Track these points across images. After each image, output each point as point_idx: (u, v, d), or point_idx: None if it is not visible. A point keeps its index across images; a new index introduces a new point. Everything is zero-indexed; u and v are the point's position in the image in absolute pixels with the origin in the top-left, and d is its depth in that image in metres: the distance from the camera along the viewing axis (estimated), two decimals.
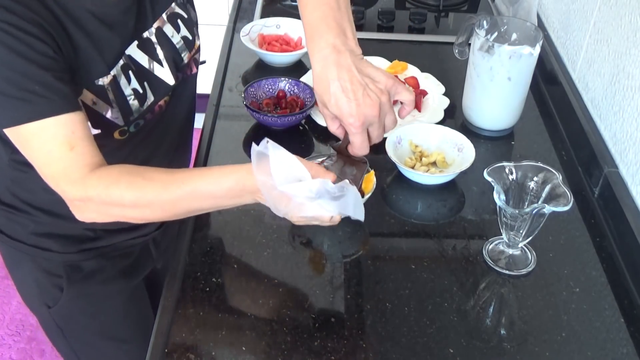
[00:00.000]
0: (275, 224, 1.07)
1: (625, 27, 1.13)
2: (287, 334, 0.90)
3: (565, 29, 1.44)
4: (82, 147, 0.85)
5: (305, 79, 1.32)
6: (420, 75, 1.41)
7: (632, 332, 0.92)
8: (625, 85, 1.13)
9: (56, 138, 0.84)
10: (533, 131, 1.32)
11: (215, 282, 0.97)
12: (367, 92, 0.89)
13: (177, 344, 0.89)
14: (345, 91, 0.88)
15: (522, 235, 0.97)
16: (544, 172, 0.96)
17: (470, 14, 1.76)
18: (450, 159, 1.18)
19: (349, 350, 0.88)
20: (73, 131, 0.85)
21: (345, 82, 0.88)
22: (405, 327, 0.91)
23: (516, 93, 1.24)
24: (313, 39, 0.92)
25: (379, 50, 1.51)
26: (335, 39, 0.90)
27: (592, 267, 1.02)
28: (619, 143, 1.15)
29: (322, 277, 0.99)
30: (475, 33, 1.22)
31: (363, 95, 0.88)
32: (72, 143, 0.84)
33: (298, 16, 1.55)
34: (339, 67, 0.88)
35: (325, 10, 0.91)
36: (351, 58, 0.90)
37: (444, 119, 1.29)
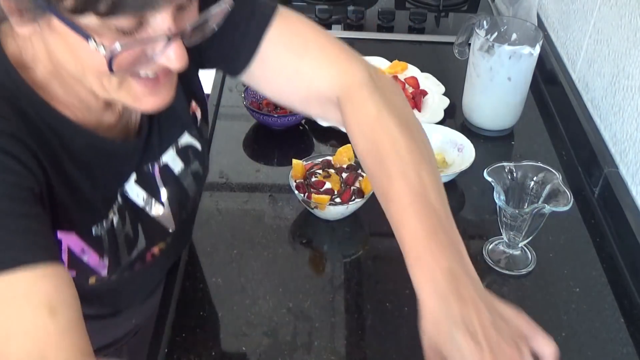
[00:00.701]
0: (275, 224, 1.07)
1: (625, 27, 1.13)
2: (287, 334, 0.90)
3: (565, 29, 1.44)
4: (66, 317, 0.59)
5: None
6: (420, 75, 1.41)
7: (632, 332, 0.92)
8: (625, 85, 1.13)
9: (30, 298, 0.58)
10: (533, 131, 1.32)
11: (215, 282, 0.97)
12: (501, 338, 0.63)
13: (177, 344, 0.89)
14: (474, 338, 0.62)
15: (522, 235, 0.97)
16: (544, 172, 0.96)
17: (470, 14, 1.76)
18: (450, 159, 1.18)
19: (349, 350, 0.88)
20: (55, 290, 0.60)
21: (473, 325, 0.62)
22: (405, 327, 0.91)
23: (516, 93, 1.24)
24: (416, 256, 0.67)
25: (379, 50, 1.51)
26: (450, 260, 0.65)
27: (592, 267, 1.02)
28: (619, 143, 1.15)
29: (322, 277, 0.99)
30: (475, 33, 1.22)
31: (498, 343, 0.62)
32: (53, 307, 0.59)
33: None
34: (461, 303, 0.63)
35: (427, 214, 0.68)
36: (473, 288, 0.65)
37: (444, 119, 1.29)
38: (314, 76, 0.82)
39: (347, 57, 0.83)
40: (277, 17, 0.81)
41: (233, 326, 0.92)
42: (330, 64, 0.82)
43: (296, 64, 0.82)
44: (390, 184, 0.71)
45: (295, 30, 0.83)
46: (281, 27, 0.81)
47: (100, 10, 0.55)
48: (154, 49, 0.61)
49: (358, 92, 0.79)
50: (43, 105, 0.67)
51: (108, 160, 0.75)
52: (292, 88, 0.84)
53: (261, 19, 0.81)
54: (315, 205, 1.04)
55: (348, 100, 0.80)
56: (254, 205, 1.11)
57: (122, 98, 0.67)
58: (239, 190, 1.15)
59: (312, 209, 1.06)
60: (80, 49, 0.60)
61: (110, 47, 0.58)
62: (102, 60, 0.59)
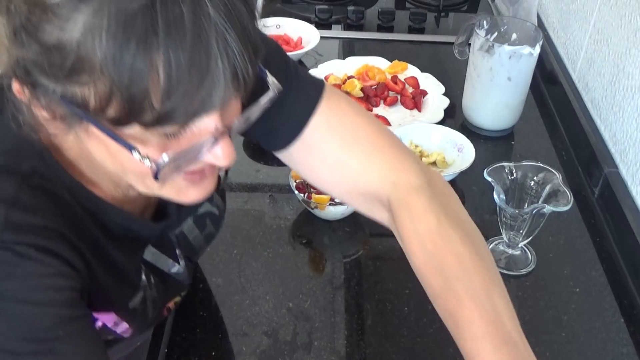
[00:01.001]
0: (275, 224, 1.07)
1: (625, 27, 1.13)
2: (287, 334, 0.90)
3: (565, 29, 1.44)
4: None
5: None
6: (420, 75, 1.41)
7: (632, 332, 0.92)
8: (625, 85, 1.13)
9: None
10: (533, 131, 1.32)
11: (215, 282, 0.97)
12: None
13: (177, 344, 0.89)
14: None
15: (522, 235, 0.97)
16: (544, 172, 0.96)
17: (470, 14, 1.76)
18: (450, 159, 1.18)
19: (349, 350, 0.88)
20: None
21: None
22: (405, 327, 0.91)
23: (516, 93, 1.24)
24: None
25: (379, 50, 1.51)
26: None
27: (592, 267, 1.02)
28: (619, 143, 1.15)
29: (322, 277, 0.99)
30: (475, 33, 1.22)
31: None
32: None
33: (298, 16, 1.57)
34: None
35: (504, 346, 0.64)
36: None
37: (444, 119, 1.29)
38: (363, 171, 0.75)
39: (400, 153, 0.76)
40: (324, 101, 0.74)
41: (233, 326, 0.92)
42: (382, 160, 0.75)
43: (344, 156, 0.75)
44: (460, 308, 0.66)
45: (343, 117, 0.75)
46: (328, 113, 0.74)
47: (146, 121, 0.52)
48: (201, 150, 0.58)
49: (415, 198, 0.72)
50: (76, 186, 0.65)
51: (134, 233, 0.73)
52: (336, 179, 0.77)
53: (307, 102, 0.74)
54: (315, 205, 1.04)
55: (404, 206, 0.72)
56: (254, 205, 1.11)
57: (165, 193, 0.63)
58: (239, 190, 1.15)
59: (312, 209, 1.06)
60: (122, 155, 0.56)
61: (156, 159, 0.55)
62: (147, 168, 0.56)
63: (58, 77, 0.52)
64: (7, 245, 0.57)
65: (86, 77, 0.51)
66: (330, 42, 1.59)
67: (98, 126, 0.54)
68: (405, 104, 1.34)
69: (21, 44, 0.52)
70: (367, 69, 1.40)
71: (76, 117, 0.54)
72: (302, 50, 1.45)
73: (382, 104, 1.35)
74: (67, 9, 0.49)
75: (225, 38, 0.52)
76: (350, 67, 1.43)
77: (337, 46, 1.59)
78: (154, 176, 0.56)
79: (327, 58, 1.47)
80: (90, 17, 0.49)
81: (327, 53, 1.51)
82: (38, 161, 0.62)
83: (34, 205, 0.60)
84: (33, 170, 0.62)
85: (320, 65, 1.43)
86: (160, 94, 0.50)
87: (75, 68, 0.50)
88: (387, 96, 1.35)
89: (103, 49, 0.49)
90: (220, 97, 0.53)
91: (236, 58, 0.52)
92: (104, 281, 0.67)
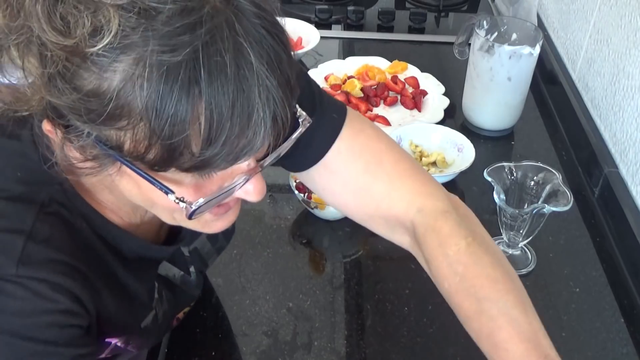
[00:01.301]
0: (275, 224, 1.07)
1: (625, 27, 1.13)
2: (287, 334, 0.90)
3: (565, 29, 1.44)
4: None
5: None
6: (420, 75, 1.41)
7: (632, 332, 0.92)
8: (625, 85, 1.13)
9: None
10: (533, 131, 1.32)
11: (215, 282, 0.97)
12: None
13: (177, 344, 0.89)
14: None
15: (522, 235, 0.97)
16: (544, 172, 0.96)
17: (470, 14, 1.76)
18: (450, 159, 1.18)
19: (349, 350, 0.88)
20: None
21: None
22: (405, 327, 0.91)
23: (516, 93, 1.24)
24: None
25: (379, 50, 1.51)
26: None
27: (592, 267, 1.02)
28: (619, 143, 1.15)
29: (322, 277, 0.99)
30: (475, 33, 1.22)
31: None
32: None
33: (298, 16, 1.57)
34: None
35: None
36: None
37: (444, 119, 1.29)
38: (387, 195, 0.75)
39: (423, 178, 0.76)
40: (347, 125, 0.74)
41: (233, 326, 0.92)
42: (406, 185, 0.75)
43: (367, 180, 0.75)
44: (498, 330, 0.67)
45: (366, 141, 0.75)
46: (352, 137, 0.74)
47: (184, 167, 0.51)
48: (234, 189, 0.58)
49: (443, 222, 0.72)
50: (92, 214, 0.64)
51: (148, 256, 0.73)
52: (358, 203, 0.77)
53: (331, 126, 0.74)
54: (315, 205, 1.04)
55: (431, 231, 0.72)
56: (254, 205, 1.11)
57: (191, 225, 0.63)
58: None
59: (312, 209, 1.06)
60: (154, 193, 0.56)
61: (191, 201, 0.55)
62: (180, 208, 0.56)
63: (94, 122, 0.50)
64: (21, 281, 0.56)
65: (124, 123, 0.50)
66: (330, 42, 1.59)
67: (133, 168, 0.53)
68: (405, 104, 1.34)
69: (56, 89, 0.50)
70: (367, 69, 1.40)
71: (110, 158, 0.53)
72: (302, 50, 1.45)
73: (382, 104, 1.35)
74: (108, 58, 0.48)
75: (267, 86, 0.51)
76: (350, 67, 1.43)
77: (337, 46, 1.59)
78: (188, 217, 0.56)
79: (327, 58, 1.47)
80: (131, 66, 0.48)
81: (327, 53, 1.51)
82: (57, 189, 0.62)
83: (51, 237, 0.60)
84: (51, 198, 0.61)
85: (320, 65, 1.43)
86: (201, 142, 0.50)
87: (114, 114, 0.49)
88: (387, 96, 1.35)
89: (144, 98, 0.48)
90: (260, 144, 0.53)
91: (277, 105, 0.52)
92: (115, 310, 0.67)
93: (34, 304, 0.57)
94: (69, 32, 0.48)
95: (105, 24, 0.47)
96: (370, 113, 1.31)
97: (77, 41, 0.47)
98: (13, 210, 0.59)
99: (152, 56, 0.47)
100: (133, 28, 0.47)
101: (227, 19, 0.49)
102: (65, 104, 0.50)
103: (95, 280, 0.63)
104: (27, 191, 0.61)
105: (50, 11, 0.48)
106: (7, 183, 0.61)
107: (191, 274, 0.82)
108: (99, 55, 0.48)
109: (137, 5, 0.47)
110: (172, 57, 0.47)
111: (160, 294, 0.77)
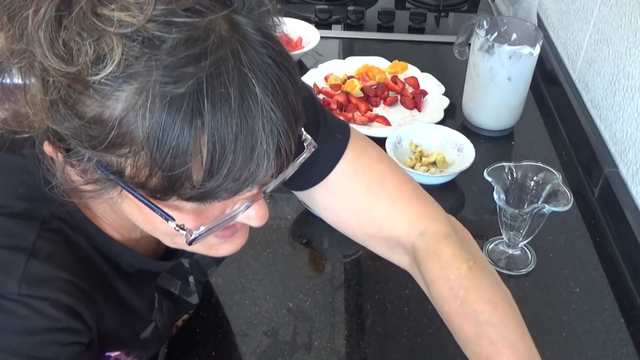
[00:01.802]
0: (275, 224, 1.07)
1: (625, 27, 1.13)
2: (287, 334, 0.90)
3: (565, 29, 1.44)
4: None
5: (305, 79, 1.32)
6: (420, 75, 1.41)
7: (632, 332, 0.92)
8: (625, 85, 1.13)
9: None
10: (533, 131, 1.32)
11: (215, 282, 0.97)
12: None
13: (177, 344, 0.89)
14: None
15: (522, 235, 0.97)
16: (544, 172, 0.96)
17: (470, 14, 1.76)
18: (450, 159, 1.18)
19: (349, 350, 0.88)
20: None
21: None
22: (405, 327, 0.91)
23: (516, 93, 1.24)
24: None
25: (379, 50, 1.51)
26: None
27: (592, 267, 1.02)
28: (619, 143, 1.15)
29: (322, 277, 0.99)
30: (475, 33, 1.22)
31: None
32: None
33: (298, 16, 1.57)
34: None
35: None
36: None
37: (444, 119, 1.29)
38: (389, 217, 0.75)
39: (425, 201, 0.77)
40: (351, 146, 0.74)
41: (233, 326, 0.92)
42: (408, 207, 0.75)
43: (370, 202, 0.75)
44: (497, 353, 0.68)
45: (369, 163, 0.76)
46: (355, 158, 0.75)
47: (185, 197, 0.51)
48: (236, 216, 0.57)
49: (445, 246, 0.73)
50: (93, 230, 0.64)
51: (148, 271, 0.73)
52: (359, 223, 0.77)
53: (334, 147, 0.74)
54: None
55: (432, 254, 0.73)
56: None
57: (195, 249, 0.62)
58: None
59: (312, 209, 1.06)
60: (155, 219, 0.55)
61: (191, 229, 0.55)
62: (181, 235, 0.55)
63: (95, 148, 0.50)
64: (23, 299, 0.56)
65: (125, 151, 0.49)
66: (330, 42, 1.59)
67: (133, 194, 0.53)
68: (405, 104, 1.34)
69: (58, 115, 0.50)
70: (367, 69, 1.40)
71: (111, 182, 0.53)
72: (302, 50, 1.45)
73: (382, 104, 1.35)
74: (110, 87, 0.47)
75: (271, 118, 0.50)
76: (350, 67, 1.43)
77: (337, 46, 1.59)
78: (188, 243, 0.56)
79: (327, 58, 1.47)
80: (134, 96, 0.47)
81: (327, 53, 1.51)
82: (58, 205, 0.61)
83: (52, 254, 0.59)
84: (52, 214, 0.61)
85: (320, 65, 1.43)
86: (203, 174, 0.49)
87: (115, 142, 0.49)
88: (387, 96, 1.35)
89: (145, 128, 0.48)
90: (263, 175, 0.52)
91: (281, 137, 0.51)
92: (115, 324, 0.67)
93: (36, 323, 0.57)
94: (72, 60, 0.47)
95: (109, 53, 0.47)
96: (370, 113, 1.31)
97: (79, 69, 0.47)
98: (14, 227, 0.59)
99: (155, 86, 0.47)
100: (136, 57, 0.47)
101: (233, 49, 0.49)
102: (67, 130, 0.50)
103: (95, 296, 0.63)
104: (29, 207, 0.60)
105: (53, 37, 0.47)
106: (9, 199, 0.61)
107: (190, 284, 0.83)
108: (102, 84, 0.47)
109: (141, 34, 0.47)
110: (175, 88, 0.47)
111: (160, 304, 0.77)
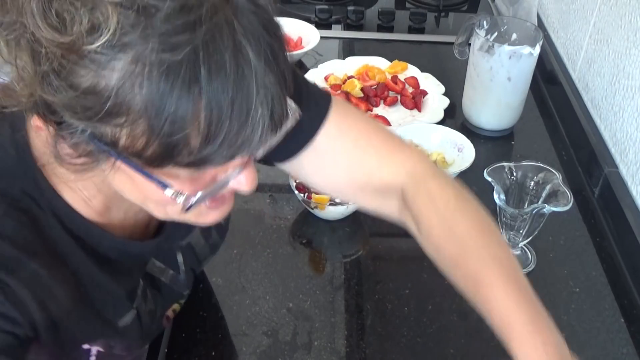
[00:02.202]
0: (275, 224, 1.07)
1: (625, 27, 1.13)
2: (287, 334, 0.90)
3: (565, 29, 1.44)
4: None
5: None
6: (420, 75, 1.41)
7: (632, 332, 0.92)
8: (625, 85, 1.13)
9: None
10: (533, 131, 1.32)
11: (215, 282, 0.97)
12: None
13: (177, 344, 0.89)
14: None
15: (522, 235, 0.97)
16: (544, 172, 0.96)
17: (470, 14, 1.75)
18: (450, 159, 1.18)
19: (349, 350, 0.88)
20: None
21: None
22: (405, 327, 0.91)
23: (516, 93, 1.24)
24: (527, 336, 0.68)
25: (379, 50, 1.51)
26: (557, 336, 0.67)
27: (592, 267, 1.02)
28: (619, 143, 1.15)
29: (322, 277, 0.99)
30: (475, 33, 1.22)
31: None
32: None
33: (298, 16, 1.57)
34: None
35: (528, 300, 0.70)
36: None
37: (444, 119, 1.29)
38: (378, 166, 0.77)
39: (409, 148, 0.80)
40: (333, 108, 0.76)
41: (233, 326, 0.92)
42: (395, 154, 0.78)
43: (358, 155, 0.77)
44: (485, 269, 0.70)
45: (352, 121, 0.78)
46: (338, 118, 0.76)
47: (182, 163, 0.51)
48: (228, 181, 0.59)
49: (432, 181, 0.76)
50: (66, 210, 0.63)
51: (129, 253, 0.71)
52: (349, 178, 0.79)
53: (317, 110, 0.75)
54: (315, 205, 1.04)
55: (422, 190, 0.76)
56: (254, 205, 1.11)
57: (184, 218, 0.62)
58: None
59: (312, 209, 1.06)
60: (149, 188, 0.55)
61: (188, 195, 0.56)
62: (173, 199, 0.56)
63: (90, 119, 0.49)
64: None
65: (122, 120, 0.49)
66: (330, 42, 1.59)
67: (130, 164, 0.52)
68: (405, 104, 1.34)
69: (50, 87, 0.49)
70: (367, 69, 1.40)
71: (105, 154, 0.52)
72: (302, 50, 1.45)
73: (382, 104, 1.35)
74: (106, 56, 0.47)
75: (265, 84, 0.51)
76: (350, 67, 1.43)
77: (337, 46, 1.59)
78: (185, 210, 0.56)
79: (327, 58, 1.47)
80: (130, 64, 0.47)
81: (327, 53, 1.51)
82: (30, 183, 0.61)
83: (13, 234, 0.59)
84: (23, 192, 0.60)
85: (320, 65, 1.43)
86: (200, 140, 0.50)
87: (111, 112, 0.49)
88: (387, 96, 1.35)
89: (143, 96, 0.48)
90: (258, 140, 0.53)
91: (274, 103, 0.52)
92: (83, 314, 0.65)
93: None
94: (65, 29, 0.47)
95: (104, 22, 0.46)
96: (370, 113, 1.31)
97: (73, 39, 0.47)
98: None
99: (151, 55, 0.47)
100: (132, 26, 0.47)
101: (227, 16, 0.49)
102: (60, 102, 0.50)
103: (55, 284, 0.61)
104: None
105: (46, 7, 0.47)
106: None
107: (181, 272, 0.81)
108: (97, 53, 0.47)
109: (135, 2, 0.47)
110: (172, 55, 0.47)
111: (144, 292, 0.75)
